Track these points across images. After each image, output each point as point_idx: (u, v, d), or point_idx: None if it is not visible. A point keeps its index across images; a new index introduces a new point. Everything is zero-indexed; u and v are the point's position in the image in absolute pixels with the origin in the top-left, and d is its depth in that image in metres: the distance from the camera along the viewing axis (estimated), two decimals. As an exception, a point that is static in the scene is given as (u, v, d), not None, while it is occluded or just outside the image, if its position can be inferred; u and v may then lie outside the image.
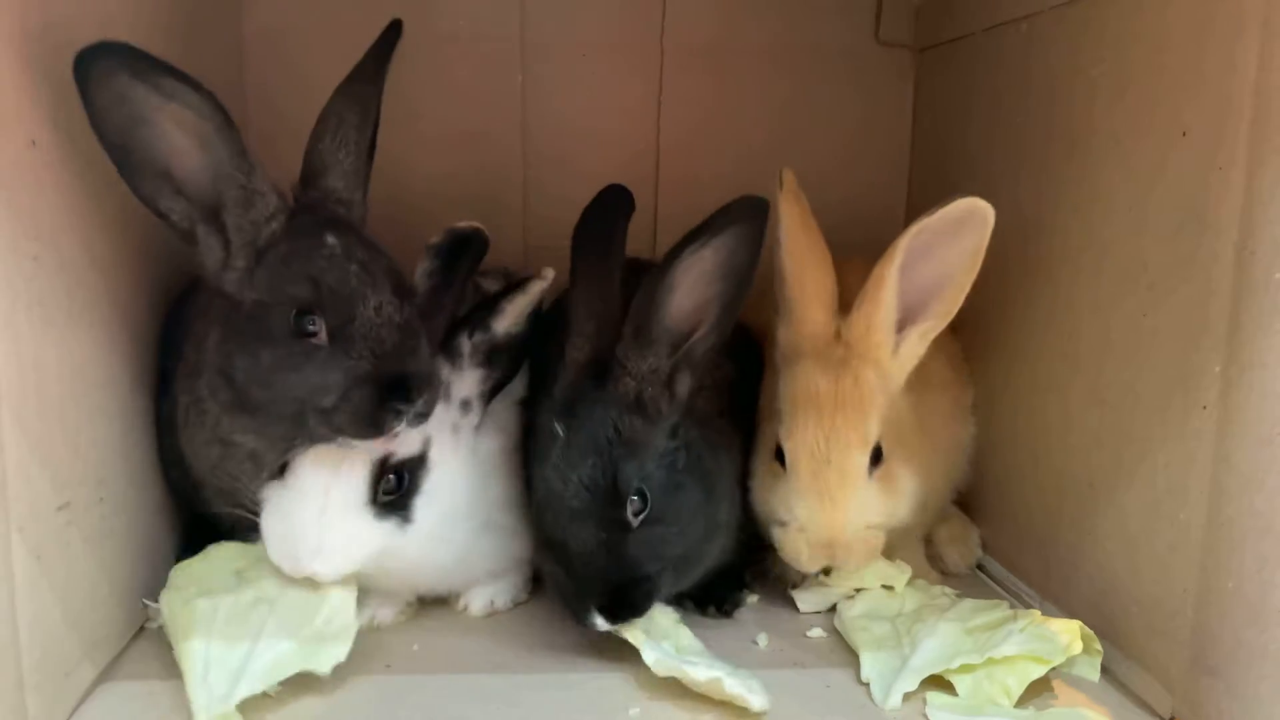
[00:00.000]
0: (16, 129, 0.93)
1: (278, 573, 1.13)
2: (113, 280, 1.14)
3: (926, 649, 1.14)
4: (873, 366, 1.26)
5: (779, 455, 1.27)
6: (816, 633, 1.28)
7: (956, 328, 1.56)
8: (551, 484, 1.16)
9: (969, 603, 1.28)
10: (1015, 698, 1.09)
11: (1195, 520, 1.06)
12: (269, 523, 1.14)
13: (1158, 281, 1.13)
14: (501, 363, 1.27)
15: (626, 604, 1.15)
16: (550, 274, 1.28)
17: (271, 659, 1.07)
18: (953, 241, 1.23)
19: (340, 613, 1.13)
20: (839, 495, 1.22)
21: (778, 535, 1.27)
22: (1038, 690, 1.12)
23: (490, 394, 1.27)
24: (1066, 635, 1.14)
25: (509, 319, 1.25)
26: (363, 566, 1.14)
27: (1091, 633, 1.17)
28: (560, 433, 1.17)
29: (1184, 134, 1.09)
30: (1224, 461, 1.02)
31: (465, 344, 1.25)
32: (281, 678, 1.06)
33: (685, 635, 1.19)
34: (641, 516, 1.15)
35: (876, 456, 1.25)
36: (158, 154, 1.03)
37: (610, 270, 1.20)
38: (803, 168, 1.38)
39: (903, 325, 1.28)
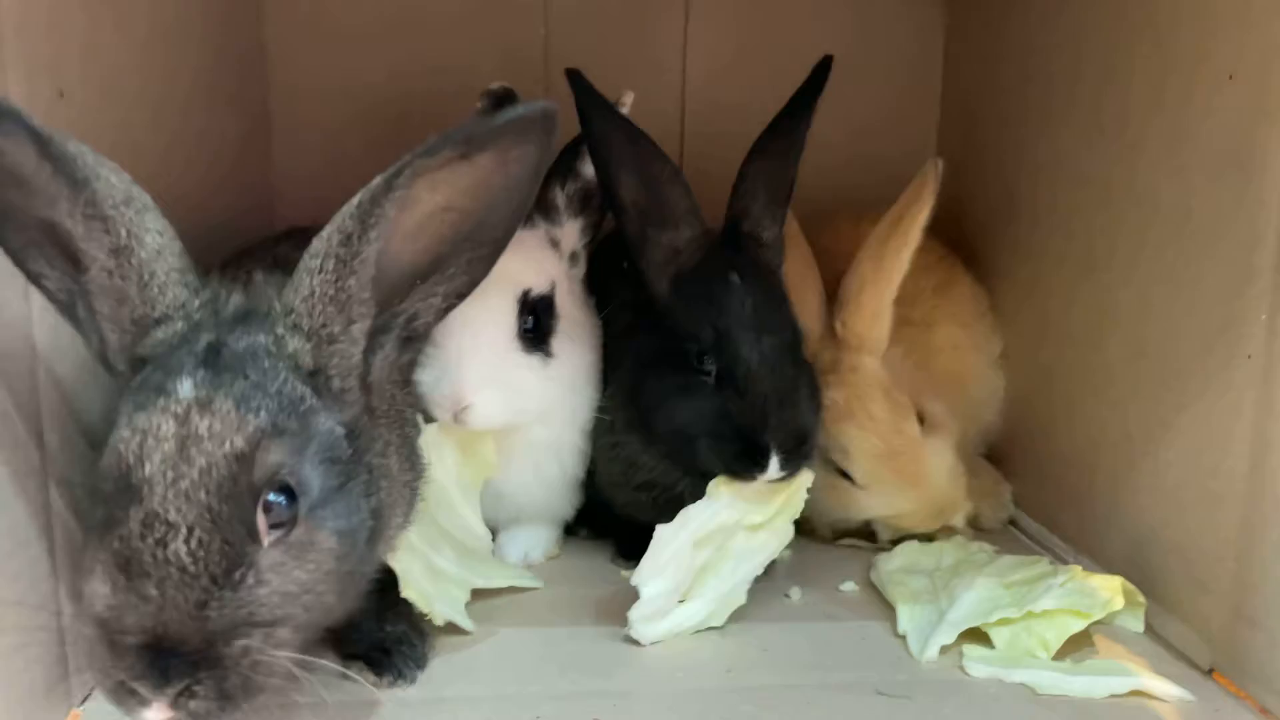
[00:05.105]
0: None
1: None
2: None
3: (964, 603, 1.13)
4: (868, 352, 1.32)
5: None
6: (849, 586, 1.27)
7: (983, 278, 1.55)
8: None
9: (1008, 558, 1.27)
10: (1053, 651, 1.08)
11: (1238, 470, 1.04)
12: (424, 376, 1.14)
13: (1201, 228, 1.10)
14: (596, 207, 1.26)
15: None
16: (630, 97, 1.25)
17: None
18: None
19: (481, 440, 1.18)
20: (919, 473, 1.30)
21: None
22: (1077, 644, 1.11)
23: (591, 241, 1.28)
24: (1108, 590, 1.13)
25: None
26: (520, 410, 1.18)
27: (1134, 587, 1.16)
28: None
29: (1230, 77, 1.06)
30: (1268, 410, 1.00)
31: (559, 196, 1.23)
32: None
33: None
34: None
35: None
36: (33, 205, 0.78)
37: None
38: (831, 111, 1.37)
39: None
